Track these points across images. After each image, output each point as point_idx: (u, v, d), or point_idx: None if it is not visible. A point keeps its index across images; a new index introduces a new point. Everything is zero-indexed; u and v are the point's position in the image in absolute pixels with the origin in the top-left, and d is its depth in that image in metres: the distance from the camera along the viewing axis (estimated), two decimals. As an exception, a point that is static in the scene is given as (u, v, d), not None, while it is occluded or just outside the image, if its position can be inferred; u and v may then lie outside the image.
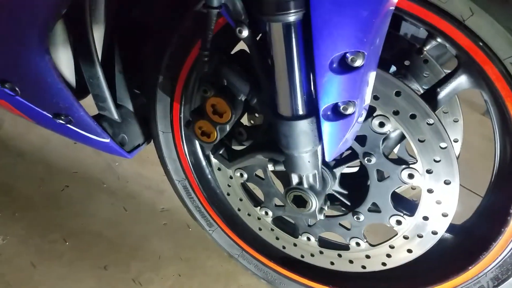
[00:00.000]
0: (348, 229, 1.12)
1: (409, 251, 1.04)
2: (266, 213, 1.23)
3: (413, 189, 1.26)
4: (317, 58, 0.72)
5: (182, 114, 1.19)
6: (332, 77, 0.74)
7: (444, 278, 1.04)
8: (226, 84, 0.93)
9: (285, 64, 0.77)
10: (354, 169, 1.18)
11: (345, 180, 1.10)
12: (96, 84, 1.09)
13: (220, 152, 1.05)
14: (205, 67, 0.91)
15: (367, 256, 1.12)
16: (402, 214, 1.01)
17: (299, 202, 1.00)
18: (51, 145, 1.88)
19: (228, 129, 0.99)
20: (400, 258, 1.07)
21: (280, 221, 1.27)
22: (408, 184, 0.97)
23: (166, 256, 1.52)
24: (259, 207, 1.23)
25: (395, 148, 1.23)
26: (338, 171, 1.06)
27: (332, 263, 1.19)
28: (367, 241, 1.11)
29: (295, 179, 0.97)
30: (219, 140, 1.00)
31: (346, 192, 1.11)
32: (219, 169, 1.23)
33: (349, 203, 1.11)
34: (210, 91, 0.93)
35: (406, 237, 1.03)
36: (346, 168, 1.09)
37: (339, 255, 1.17)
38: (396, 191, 1.02)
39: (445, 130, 0.88)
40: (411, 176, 0.95)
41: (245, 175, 1.18)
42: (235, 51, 1.01)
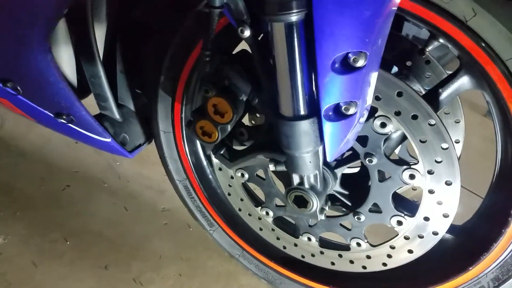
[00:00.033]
0: (349, 230, 1.12)
1: (410, 252, 1.04)
2: (267, 213, 1.23)
3: (414, 190, 1.27)
4: (319, 58, 0.72)
5: (183, 114, 1.19)
6: (334, 77, 0.73)
7: (445, 279, 1.04)
8: (228, 84, 0.93)
9: (287, 64, 0.77)
10: (355, 170, 1.18)
11: (346, 181, 1.10)
12: (98, 84, 1.09)
13: (221, 152, 1.05)
14: (207, 67, 0.91)
15: (368, 257, 1.12)
16: (403, 215, 1.01)
17: (300, 202, 1.00)
18: (52, 145, 1.89)
19: (229, 129, 0.99)
20: (401, 259, 1.07)
21: (281, 221, 1.27)
22: (409, 185, 0.97)
23: (167, 256, 1.52)
24: (260, 207, 1.23)
25: (396, 149, 1.23)
26: (339, 172, 1.06)
27: (333, 264, 1.19)
28: (368, 242, 1.11)
29: (296, 179, 0.97)
30: (220, 140, 1.00)
31: (347, 193, 1.11)
32: (220, 169, 1.23)
33: (350, 204, 1.11)
34: (212, 91, 0.93)
35: (407, 238, 1.03)
36: (347, 169, 1.08)
37: (340, 256, 1.17)
38: (397, 192, 1.02)
39: (447, 131, 0.88)
40: (412, 177, 0.95)
41: (246, 175, 1.18)
42: (237, 51, 1.01)
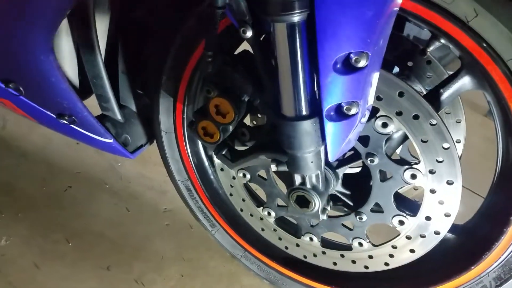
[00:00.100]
0: (351, 230, 1.12)
1: (412, 251, 1.04)
2: (269, 214, 1.23)
3: (416, 190, 1.27)
4: (321, 59, 0.73)
5: (185, 115, 1.19)
6: (336, 78, 0.74)
7: (447, 278, 1.04)
8: (230, 85, 0.94)
9: (289, 65, 0.77)
10: (357, 170, 1.19)
11: (348, 181, 1.10)
12: (100, 84, 1.09)
13: (223, 153, 1.05)
14: (209, 68, 0.91)
15: (370, 256, 1.12)
16: (405, 214, 1.01)
17: (302, 203, 1.00)
18: (54, 146, 1.89)
19: (231, 130, 0.99)
20: (403, 258, 1.07)
21: (283, 222, 1.27)
22: (411, 185, 0.98)
23: (169, 257, 1.52)
24: (262, 208, 1.23)
25: (398, 149, 1.23)
26: (341, 172, 1.06)
27: (335, 264, 1.19)
28: (370, 241, 1.11)
29: (298, 180, 0.97)
30: (222, 141, 1.00)
31: (349, 193, 1.11)
32: (222, 170, 1.23)
33: (352, 204, 1.11)
34: (214, 92, 0.93)
35: (409, 237, 1.03)
36: (349, 169, 1.09)
37: (342, 256, 1.17)
38: (399, 192, 1.03)
39: (448, 131, 0.88)
40: (414, 177, 0.95)
41: (248, 176, 1.18)
42: (239, 52, 1.01)
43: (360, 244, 1.12)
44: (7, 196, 1.60)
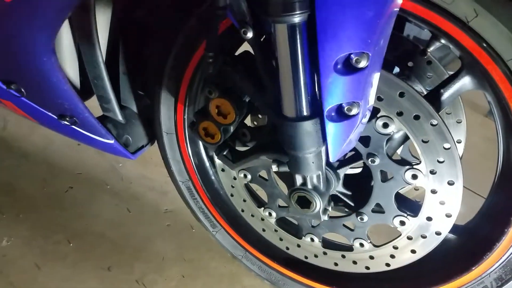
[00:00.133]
0: (352, 230, 1.12)
1: (413, 252, 1.04)
2: (270, 214, 1.23)
3: (416, 190, 1.27)
4: (322, 59, 0.73)
5: (186, 115, 1.19)
6: (337, 78, 0.74)
7: (448, 279, 1.04)
8: (231, 86, 0.94)
9: (290, 65, 0.77)
10: (358, 170, 1.19)
11: (349, 181, 1.10)
12: (101, 85, 1.09)
13: (224, 153, 1.05)
14: (210, 68, 0.91)
15: (371, 257, 1.12)
16: (406, 215, 1.01)
17: (303, 203, 1.00)
18: (55, 146, 1.89)
19: (232, 130, 0.99)
20: (404, 259, 1.07)
21: (284, 222, 1.27)
22: (412, 185, 0.98)
23: (170, 257, 1.52)
24: (263, 208, 1.23)
25: (398, 149, 1.23)
26: (342, 172, 1.06)
27: (336, 264, 1.19)
28: (371, 242, 1.11)
29: (299, 180, 0.97)
30: (223, 141, 1.00)
31: (350, 193, 1.11)
32: (223, 170, 1.23)
33: (353, 204, 1.11)
34: (215, 92, 0.93)
35: (410, 238, 1.03)
36: (350, 169, 1.09)
37: (343, 256, 1.17)
38: (400, 192, 1.03)
39: (449, 131, 0.88)
40: (415, 177, 0.95)
41: (249, 176, 1.18)
42: (240, 52, 1.01)
43: (361, 245, 1.12)
44: (8, 197, 1.61)
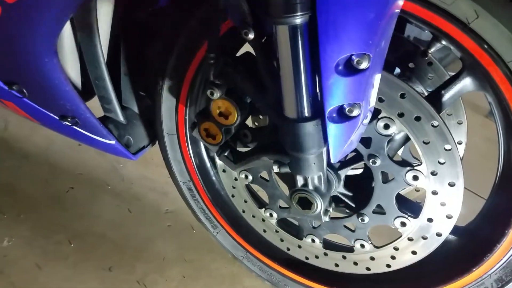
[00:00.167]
0: (353, 231, 1.12)
1: (414, 253, 1.04)
2: (271, 215, 1.23)
3: (417, 191, 1.27)
4: (323, 61, 0.73)
5: (187, 116, 1.19)
6: (338, 79, 0.74)
7: (448, 280, 1.04)
8: (232, 87, 0.94)
9: (291, 67, 0.77)
10: (359, 171, 1.19)
11: (350, 182, 1.10)
12: (102, 86, 1.09)
13: (225, 154, 1.05)
14: (212, 69, 0.91)
15: (372, 258, 1.12)
16: (407, 216, 1.01)
17: (304, 204, 1.00)
18: (56, 147, 1.89)
19: (234, 131, 0.99)
20: (405, 260, 1.07)
21: (285, 223, 1.27)
22: (413, 186, 0.98)
23: (171, 258, 1.52)
24: (264, 209, 1.23)
25: (399, 150, 1.23)
26: (343, 173, 1.06)
27: (337, 265, 1.19)
28: (372, 243, 1.11)
29: (301, 181, 0.97)
30: (224, 142, 1.00)
31: (351, 194, 1.11)
32: (224, 171, 1.23)
33: (354, 205, 1.11)
34: (216, 93, 0.94)
35: (411, 239, 1.03)
36: (351, 170, 1.09)
37: (344, 257, 1.17)
38: (400, 193, 1.03)
39: (450, 132, 0.88)
40: (416, 178, 0.95)
41: (250, 177, 1.18)
42: (241, 54, 1.02)
43: (362, 246, 1.12)
44: (9, 197, 1.61)
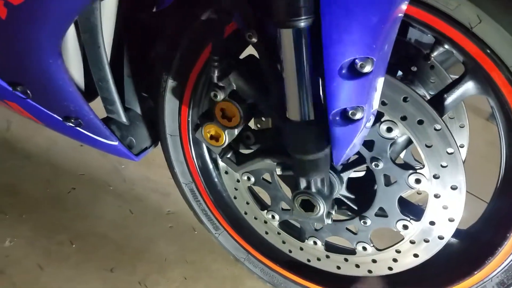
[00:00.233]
0: (355, 234, 1.13)
1: (416, 256, 1.04)
2: (273, 217, 1.23)
3: (419, 194, 1.27)
4: (327, 64, 0.73)
5: (190, 118, 1.20)
6: (341, 83, 0.74)
7: (450, 283, 1.04)
8: (235, 89, 0.94)
9: (295, 69, 0.77)
10: (361, 174, 1.19)
11: (352, 185, 1.11)
12: (105, 87, 1.09)
13: (228, 156, 1.06)
14: (215, 72, 0.92)
15: (374, 261, 1.12)
16: (409, 219, 1.01)
17: (307, 206, 1.00)
18: (58, 147, 1.90)
19: (237, 133, 1.00)
20: (407, 263, 1.07)
21: (287, 225, 1.28)
22: (415, 189, 0.98)
23: (172, 259, 1.53)
24: (266, 211, 1.23)
25: (401, 153, 1.23)
26: (346, 176, 1.07)
27: (339, 268, 1.19)
28: (374, 246, 1.11)
29: (303, 183, 0.98)
30: (227, 144, 1.01)
31: (353, 197, 1.12)
32: (226, 173, 1.23)
33: (356, 208, 1.11)
34: (220, 96, 0.94)
35: (413, 242, 1.03)
36: (353, 173, 1.09)
37: (346, 260, 1.17)
38: (403, 196, 1.03)
39: (452, 136, 0.89)
40: (418, 181, 0.95)
41: (252, 179, 1.19)
42: (245, 56, 1.02)
43: (364, 248, 1.12)
44: (11, 198, 1.61)
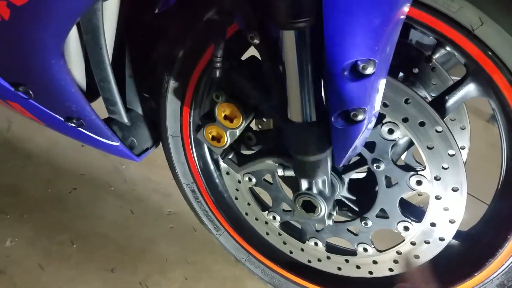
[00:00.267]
0: (356, 235, 1.13)
1: (416, 257, 1.05)
2: (274, 218, 1.23)
3: (420, 196, 1.27)
4: (329, 65, 0.73)
5: (192, 118, 1.20)
6: (343, 84, 0.74)
7: (450, 285, 1.04)
8: (237, 90, 0.94)
9: (297, 71, 0.78)
10: (362, 175, 1.19)
11: (353, 186, 1.11)
12: (107, 88, 1.09)
13: (229, 157, 1.06)
14: (217, 73, 0.92)
15: (374, 262, 1.12)
16: (410, 220, 1.02)
17: (308, 207, 1.00)
18: (59, 147, 1.90)
19: (238, 134, 1.00)
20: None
21: (288, 226, 1.28)
22: (416, 191, 0.98)
23: (173, 259, 1.53)
24: (267, 212, 1.24)
25: (402, 155, 1.23)
26: (347, 177, 1.07)
27: (339, 269, 1.20)
28: (375, 247, 1.12)
29: (305, 185, 0.98)
30: (229, 145, 1.01)
31: (354, 198, 1.12)
32: (228, 173, 1.24)
33: (357, 209, 1.11)
34: (222, 97, 0.94)
35: (414, 243, 1.03)
36: (354, 174, 1.09)
37: (347, 261, 1.17)
38: (404, 198, 1.03)
39: (454, 138, 0.89)
40: (419, 183, 0.95)
41: (254, 180, 1.19)
42: (247, 57, 1.02)
43: (365, 250, 1.12)
44: (12, 198, 1.61)
